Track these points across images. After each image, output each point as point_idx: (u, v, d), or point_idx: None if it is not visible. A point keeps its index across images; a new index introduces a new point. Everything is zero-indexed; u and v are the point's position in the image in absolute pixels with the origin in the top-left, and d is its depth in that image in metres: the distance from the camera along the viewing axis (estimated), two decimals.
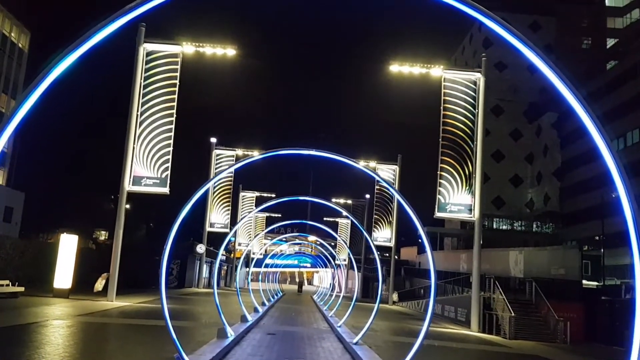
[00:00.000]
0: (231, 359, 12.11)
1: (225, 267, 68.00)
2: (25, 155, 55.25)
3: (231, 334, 14.44)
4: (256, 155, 12.44)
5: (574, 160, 65.82)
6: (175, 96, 27.18)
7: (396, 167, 48.48)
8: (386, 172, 48.16)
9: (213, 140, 50.07)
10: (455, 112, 28.55)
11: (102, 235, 66.60)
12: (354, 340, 15.48)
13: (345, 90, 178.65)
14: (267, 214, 65.70)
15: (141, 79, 26.99)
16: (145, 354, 11.57)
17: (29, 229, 48.22)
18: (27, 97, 4.58)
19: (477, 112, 28.45)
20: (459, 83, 28.79)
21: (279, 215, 58.20)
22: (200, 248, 43.69)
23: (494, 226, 73.66)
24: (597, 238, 52.13)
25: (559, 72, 5.04)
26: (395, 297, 49.23)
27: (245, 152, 48.16)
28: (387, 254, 54.69)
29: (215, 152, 49.66)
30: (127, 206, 29.96)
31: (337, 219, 67.49)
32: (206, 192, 49.48)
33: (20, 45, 51.41)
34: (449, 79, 28.84)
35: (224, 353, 12.42)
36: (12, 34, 49.66)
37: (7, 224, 41.07)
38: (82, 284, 28.64)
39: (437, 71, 29.12)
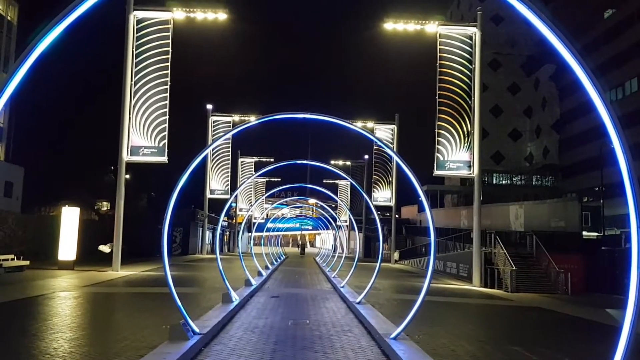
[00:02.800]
0: (236, 323, 12.28)
1: (227, 233, 68.51)
2: (22, 130, 54.95)
3: (236, 298, 14.63)
4: (252, 120, 12.36)
5: (572, 112, 65.49)
6: (169, 64, 26.95)
7: (394, 127, 48.30)
8: (384, 132, 48.01)
9: (209, 106, 49.78)
10: (451, 69, 28.28)
11: (104, 206, 66.75)
12: (357, 300, 15.70)
13: (341, 51, 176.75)
14: (267, 179, 65.85)
15: (133, 48, 26.71)
16: (152, 321, 11.73)
17: (31, 204, 48.26)
18: (17, 70, 4.54)
19: (474, 67, 28.18)
20: (454, 38, 28.42)
21: (279, 180, 58.39)
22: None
23: (494, 181, 73.78)
24: (596, 189, 52.33)
25: (553, 26, 4.97)
26: (396, 255, 49.70)
27: (242, 118, 47.94)
28: (388, 214, 54.97)
29: (212, 118, 49.44)
30: (127, 176, 29.97)
31: (336, 181, 67.63)
32: (205, 159, 49.41)
33: (9, 17, 50.60)
34: (445, 35, 28.47)
35: (229, 317, 12.60)
36: (0, 7, 48.86)
37: (8, 198, 41.10)
38: (87, 255, 28.91)
39: (432, 27, 28.75)
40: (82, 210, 29.19)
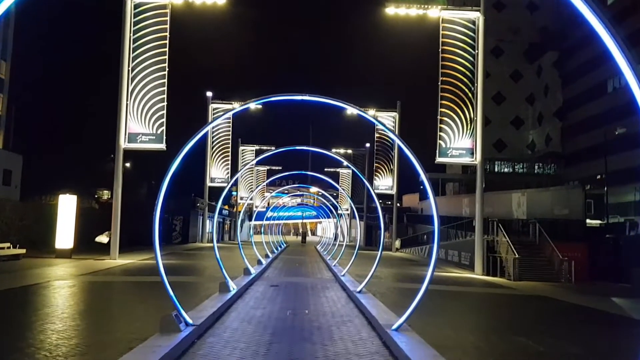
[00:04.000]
0: (233, 313, 11.95)
1: (228, 222, 68.24)
2: (21, 118, 54.65)
3: (233, 287, 14.29)
4: (252, 102, 11.93)
5: (575, 99, 64.94)
6: (167, 49, 26.47)
7: (396, 114, 47.84)
8: (386, 120, 47.51)
9: (209, 94, 49.27)
10: (454, 55, 27.78)
11: (105, 195, 66.52)
12: (358, 289, 15.37)
13: (343, 37, 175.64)
14: (268, 167, 65.42)
15: (130, 33, 26.24)
16: (146, 311, 11.43)
17: (31, 192, 47.98)
18: None
19: (477, 54, 27.67)
20: (457, 23, 27.89)
21: (280, 168, 57.93)
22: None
23: (496, 169, 73.28)
24: (599, 177, 51.89)
25: None
26: (397, 244, 49.42)
27: (242, 105, 47.41)
28: (390, 202, 54.64)
29: (212, 106, 48.96)
30: (127, 164, 29.57)
31: (338, 169, 67.26)
32: (204, 145, 49.11)
33: None
34: (447, 20, 27.93)
35: (226, 307, 12.26)
36: None
37: (6, 187, 40.84)
38: (87, 244, 28.63)
39: (434, 12, 28.25)
40: (82, 198, 28.83)
